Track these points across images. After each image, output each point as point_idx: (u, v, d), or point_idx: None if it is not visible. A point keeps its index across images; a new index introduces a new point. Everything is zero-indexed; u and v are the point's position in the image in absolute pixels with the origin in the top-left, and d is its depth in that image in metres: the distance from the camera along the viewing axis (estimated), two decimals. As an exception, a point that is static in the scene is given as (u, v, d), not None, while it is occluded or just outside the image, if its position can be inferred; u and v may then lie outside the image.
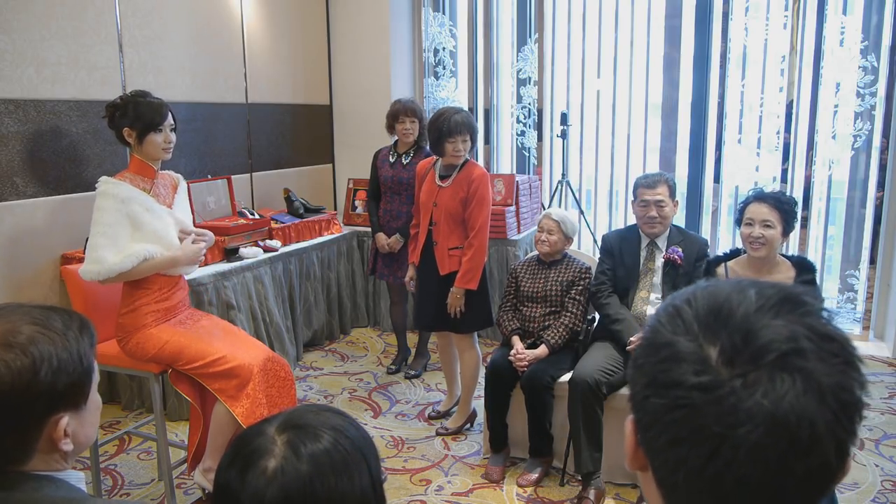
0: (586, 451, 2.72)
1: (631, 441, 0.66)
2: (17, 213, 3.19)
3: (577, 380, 2.73)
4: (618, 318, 2.89)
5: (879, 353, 4.22)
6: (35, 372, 0.98)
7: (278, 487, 0.84)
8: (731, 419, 0.56)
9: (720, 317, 0.60)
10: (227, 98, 4.37)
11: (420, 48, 5.42)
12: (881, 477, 2.92)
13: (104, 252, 2.35)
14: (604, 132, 5.10)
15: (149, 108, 2.47)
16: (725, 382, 0.57)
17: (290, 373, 2.63)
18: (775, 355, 0.57)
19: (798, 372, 0.57)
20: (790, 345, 0.57)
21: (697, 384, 0.58)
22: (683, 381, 0.59)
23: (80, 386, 1.05)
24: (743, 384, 0.57)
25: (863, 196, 4.47)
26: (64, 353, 1.01)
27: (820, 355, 0.58)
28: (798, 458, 0.56)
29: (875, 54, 4.22)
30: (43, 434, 1.01)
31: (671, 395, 0.59)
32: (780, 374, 0.57)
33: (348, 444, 0.90)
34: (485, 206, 3.17)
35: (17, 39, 3.12)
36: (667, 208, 2.92)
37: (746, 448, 0.56)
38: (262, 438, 0.88)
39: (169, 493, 2.59)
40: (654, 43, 4.83)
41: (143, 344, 2.48)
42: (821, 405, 0.56)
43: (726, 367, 0.58)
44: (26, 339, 0.99)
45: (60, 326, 1.03)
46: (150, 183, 2.51)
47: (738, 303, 0.61)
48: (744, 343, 0.58)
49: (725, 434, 0.56)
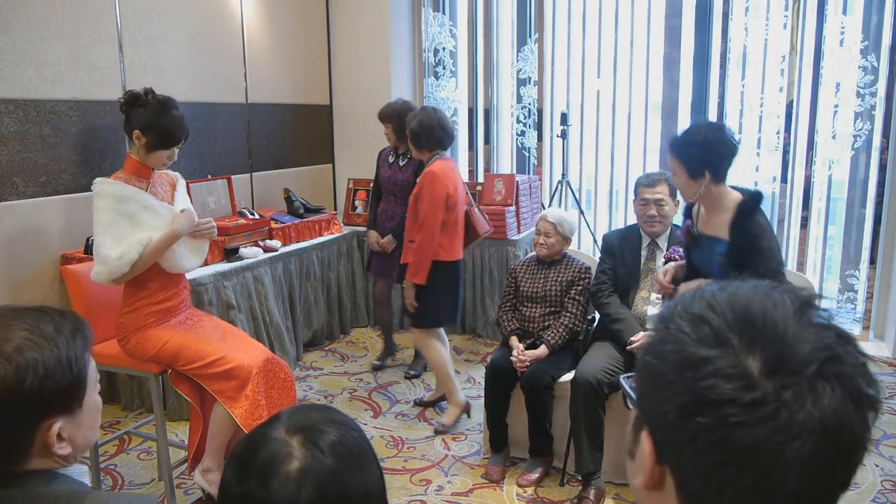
0: (587, 452, 2.72)
1: (650, 461, 0.63)
2: (17, 213, 3.18)
3: (579, 380, 2.73)
4: (618, 318, 2.89)
5: (879, 353, 4.22)
6: (20, 380, 0.97)
7: (311, 486, 0.82)
8: (785, 433, 0.55)
9: (756, 326, 0.58)
10: (227, 98, 4.37)
11: (420, 48, 5.42)
12: (881, 477, 2.92)
13: (108, 251, 2.35)
14: (604, 132, 5.10)
15: (173, 126, 2.45)
16: (773, 396, 0.55)
17: (289, 374, 2.63)
18: (817, 365, 0.56)
19: (836, 378, 0.56)
20: (827, 353, 0.57)
21: (749, 401, 0.55)
22: (734, 398, 0.56)
23: (70, 391, 1.04)
24: (793, 396, 0.55)
25: (863, 196, 4.47)
26: (51, 360, 1.00)
27: (850, 360, 0.58)
28: (843, 464, 0.57)
29: (875, 54, 4.22)
30: (36, 439, 1.01)
31: (717, 415, 0.56)
32: (822, 383, 0.56)
33: (358, 436, 0.91)
34: (425, 202, 3.18)
35: (17, 39, 3.12)
36: (666, 207, 2.93)
37: (800, 461, 0.55)
38: (275, 444, 0.85)
39: (169, 493, 2.59)
40: (654, 43, 4.83)
41: (143, 344, 2.48)
42: (857, 409, 0.57)
43: (770, 381, 0.56)
44: (13, 348, 0.98)
45: (51, 331, 1.02)
46: (146, 183, 2.51)
47: (772, 310, 0.59)
48: (786, 355, 0.57)
49: (780, 449, 0.55)
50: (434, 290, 3.25)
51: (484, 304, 4.57)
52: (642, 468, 0.64)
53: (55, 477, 1.03)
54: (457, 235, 3.33)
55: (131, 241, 2.37)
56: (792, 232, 4.64)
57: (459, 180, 3.37)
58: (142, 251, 2.38)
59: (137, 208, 2.42)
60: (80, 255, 3.31)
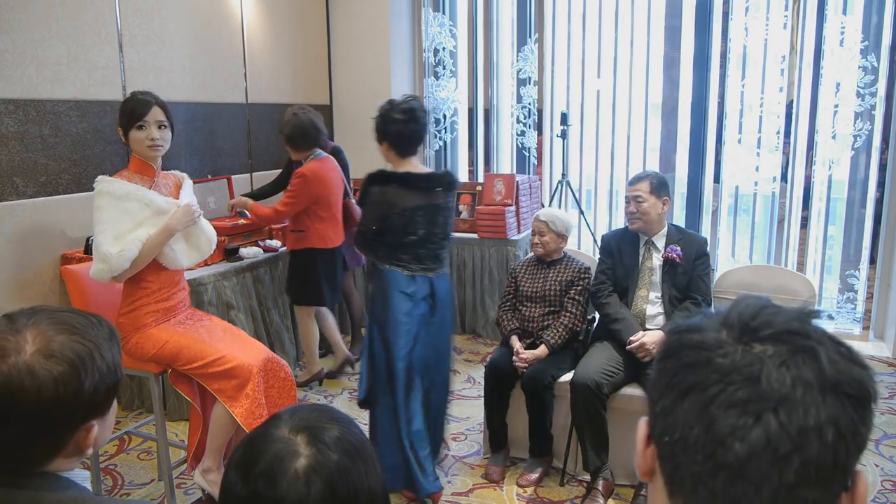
0: (592, 451, 2.73)
1: (643, 444, 0.67)
2: (17, 213, 3.19)
3: (578, 383, 2.73)
4: (617, 318, 2.89)
5: (879, 353, 4.22)
6: (80, 382, 0.98)
7: (320, 482, 0.82)
8: (730, 372, 0.58)
9: (742, 315, 0.63)
10: (227, 98, 4.37)
11: (420, 48, 5.42)
12: (881, 477, 2.92)
13: (108, 248, 2.34)
14: (604, 132, 5.10)
15: (131, 103, 2.42)
16: (727, 345, 0.60)
17: (289, 373, 2.63)
18: (773, 331, 0.60)
19: (804, 349, 0.58)
20: (796, 326, 0.60)
21: (700, 342, 0.62)
22: (693, 342, 0.62)
23: (112, 394, 1.06)
24: (744, 350, 0.60)
25: (863, 196, 4.47)
26: (102, 363, 1.01)
27: (825, 343, 0.60)
28: (791, 418, 0.56)
29: (875, 54, 4.22)
30: (72, 441, 1.02)
31: (679, 357, 0.62)
32: (786, 347, 0.59)
33: (360, 434, 0.91)
34: (292, 200, 3.56)
35: (17, 39, 3.12)
36: (645, 204, 2.92)
37: (739, 397, 0.57)
38: (280, 443, 0.85)
39: (169, 493, 2.59)
40: (654, 43, 4.84)
41: (142, 344, 2.48)
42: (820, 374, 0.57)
43: (736, 341, 0.61)
44: (68, 350, 0.98)
45: (96, 335, 1.04)
46: (150, 182, 2.49)
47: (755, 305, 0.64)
48: (747, 321, 0.61)
49: (725, 382, 0.58)
50: (314, 272, 3.66)
51: (484, 304, 4.57)
52: (637, 454, 0.68)
53: (59, 481, 1.03)
54: (333, 227, 3.70)
55: (130, 237, 2.37)
56: (792, 232, 4.64)
57: (335, 176, 3.69)
58: (141, 248, 2.37)
59: (138, 206, 2.41)
60: (80, 255, 3.31)
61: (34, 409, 0.96)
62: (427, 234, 2.63)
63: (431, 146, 5.58)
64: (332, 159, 3.75)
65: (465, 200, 4.73)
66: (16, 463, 0.99)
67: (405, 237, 2.61)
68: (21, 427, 0.96)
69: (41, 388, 0.95)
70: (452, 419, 3.50)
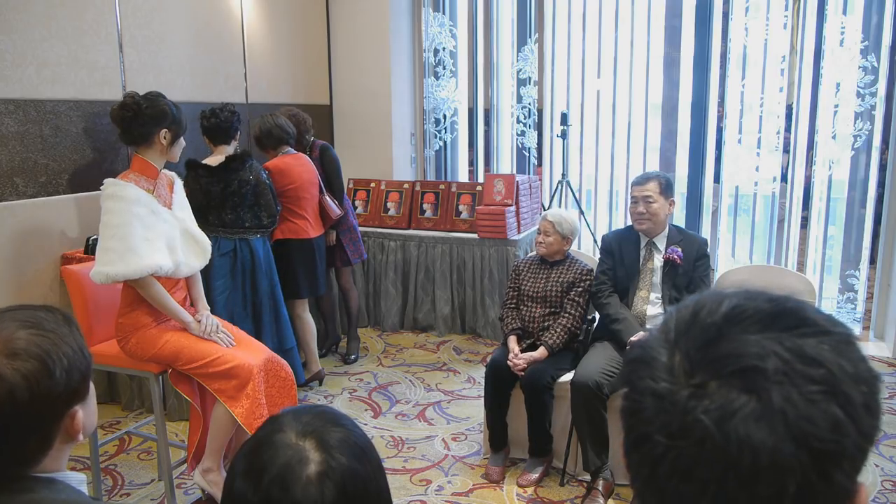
0: (592, 451, 2.73)
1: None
2: (17, 213, 3.18)
3: (578, 383, 2.73)
4: (618, 318, 2.89)
5: (879, 353, 4.22)
6: (50, 375, 0.98)
7: (332, 487, 0.83)
8: (672, 430, 0.54)
9: (692, 324, 0.58)
10: (227, 98, 4.36)
11: (420, 48, 5.42)
12: (881, 477, 2.92)
13: (113, 255, 2.34)
14: (604, 132, 5.10)
15: (181, 114, 2.55)
16: (678, 392, 0.54)
17: (290, 373, 2.63)
18: (731, 370, 0.53)
19: (756, 393, 0.52)
20: (752, 362, 0.53)
21: (652, 390, 0.56)
22: (643, 387, 0.58)
23: (87, 376, 1.06)
24: (690, 395, 0.54)
25: (863, 196, 4.47)
26: (68, 350, 1.02)
27: (792, 380, 0.52)
28: (742, 486, 0.52)
29: (875, 54, 4.22)
30: (61, 429, 1.02)
31: (631, 399, 0.59)
32: (737, 393, 0.52)
33: (362, 435, 0.92)
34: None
35: (17, 39, 3.12)
36: (655, 204, 2.92)
37: (684, 463, 0.53)
38: (289, 450, 0.85)
39: (169, 493, 2.59)
40: (654, 43, 4.84)
41: (142, 344, 2.48)
42: (772, 434, 0.51)
43: (686, 377, 0.55)
44: (31, 345, 0.98)
45: (52, 324, 1.03)
46: (153, 183, 2.50)
47: (708, 311, 0.58)
48: (700, 353, 0.55)
49: (668, 445, 0.54)
50: (289, 264, 3.71)
51: (484, 303, 4.56)
52: None
53: (54, 484, 1.03)
54: (306, 218, 3.77)
55: (140, 264, 2.34)
56: (792, 232, 4.64)
57: (303, 171, 3.75)
58: (144, 276, 2.36)
59: (146, 212, 2.41)
60: (81, 255, 3.31)
61: (13, 412, 0.95)
62: None
63: (431, 146, 5.59)
64: (304, 156, 3.84)
65: (465, 200, 4.73)
66: (11, 466, 0.99)
67: None
68: (5, 431, 0.96)
69: (14, 389, 0.95)
70: (452, 419, 3.50)
